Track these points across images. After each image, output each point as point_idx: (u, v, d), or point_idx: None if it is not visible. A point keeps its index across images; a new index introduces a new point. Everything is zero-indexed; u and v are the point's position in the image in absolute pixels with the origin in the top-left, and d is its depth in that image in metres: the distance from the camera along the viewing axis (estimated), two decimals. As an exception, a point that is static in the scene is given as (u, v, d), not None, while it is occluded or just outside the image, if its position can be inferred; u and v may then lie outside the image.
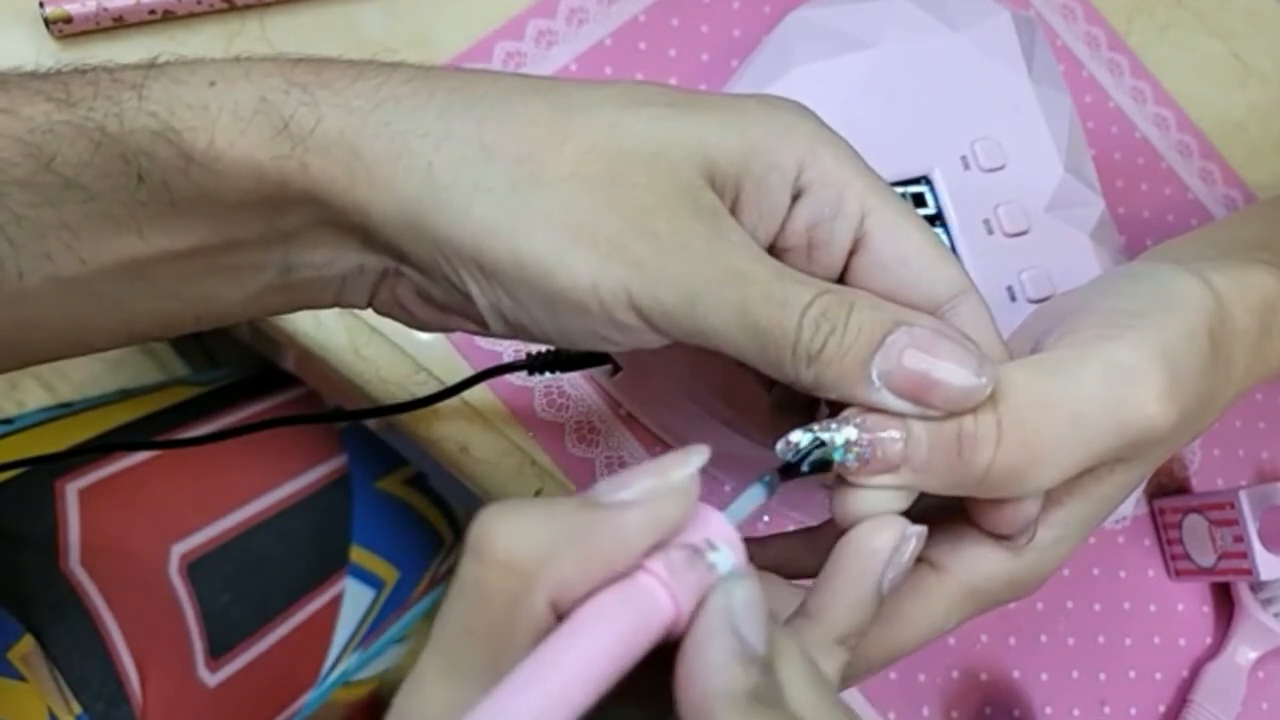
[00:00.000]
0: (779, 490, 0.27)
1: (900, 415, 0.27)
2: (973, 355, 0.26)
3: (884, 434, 0.27)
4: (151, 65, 0.27)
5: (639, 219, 0.26)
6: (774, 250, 0.29)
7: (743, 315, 0.26)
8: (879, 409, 0.27)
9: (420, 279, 0.29)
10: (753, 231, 0.28)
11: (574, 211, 0.26)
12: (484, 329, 0.29)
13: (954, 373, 0.26)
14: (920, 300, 0.29)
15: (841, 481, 0.27)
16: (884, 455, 0.27)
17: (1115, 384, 0.28)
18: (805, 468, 0.27)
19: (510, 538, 0.22)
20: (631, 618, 0.22)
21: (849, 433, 0.27)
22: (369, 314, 0.31)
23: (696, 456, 0.24)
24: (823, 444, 0.27)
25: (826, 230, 0.29)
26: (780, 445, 0.27)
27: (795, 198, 0.29)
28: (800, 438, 0.27)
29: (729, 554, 0.23)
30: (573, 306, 0.27)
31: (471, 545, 0.22)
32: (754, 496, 0.27)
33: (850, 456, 0.27)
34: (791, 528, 0.35)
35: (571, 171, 0.27)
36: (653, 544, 0.23)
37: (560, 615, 0.22)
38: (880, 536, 0.27)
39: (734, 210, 0.28)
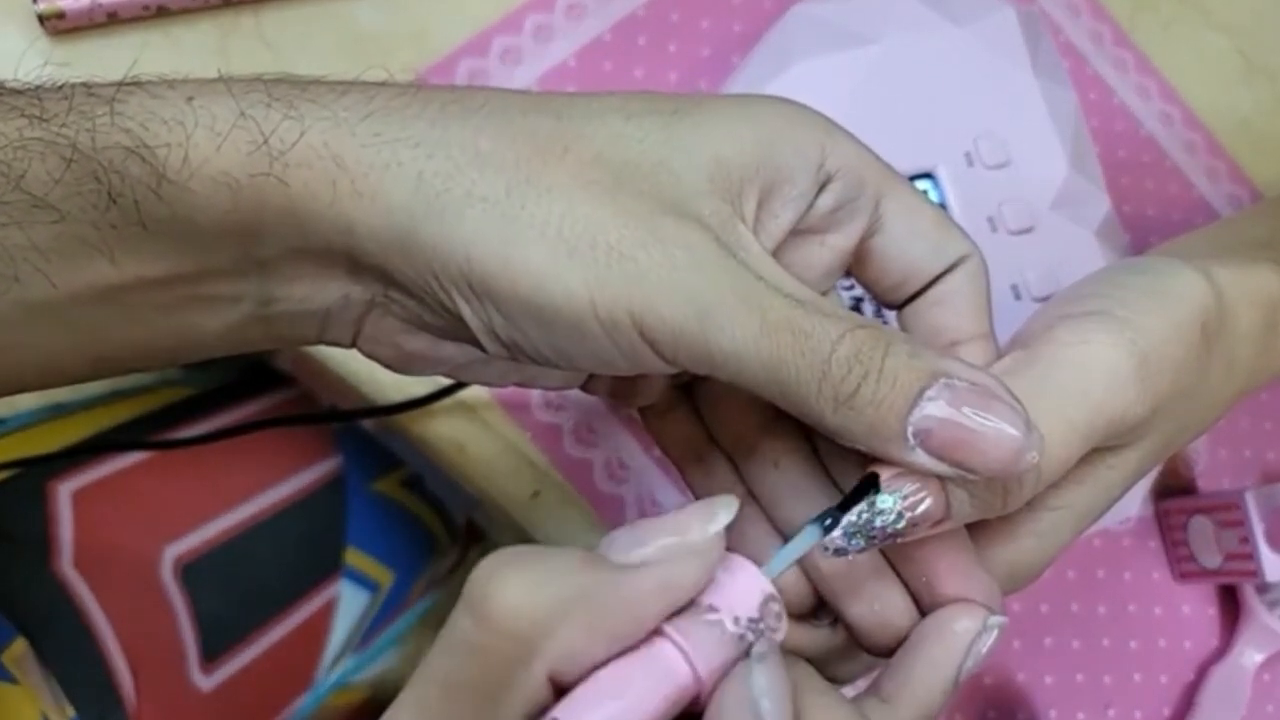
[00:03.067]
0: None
1: (935, 476, 0.25)
2: (1019, 415, 0.24)
3: (925, 502, 0.25)
4: (131, 81, 0.25)
5: (644, 225, 0.25)
6: (791, 233, 0.28)
7: (761, 343, 0.24)
8: (912, 469, 0.25)
9: (409, 303, 0.27)
10: (776, 219, 0.28)
11: (573, 219, 0.25)
12: (480, 349, 0.28)
13: (999, 437, 0.24)
14: (931, 272, 0.29)
15: None
16: (927, 519, 0.25)
17: (1109, 386, 0.28)
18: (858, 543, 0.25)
19: (513, 600, 0.20)
20: (652, 693, 0.21)
21: (897, 523, 0.25)
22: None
23: (723, 512, 0.22)
24: (887, 536, 0.25)
25: (847, 214, 0.28)
26: (824, 548, 0.25)
27: (823, 185, 0.28)
28: (842, 537, 0.25)
29: (752, 623, 0.22)
30: (568, 325, 0.25)
31: (470, 601, 0.21)
32: (804, 542, 0.24)
33: (900, 528, 0.25)
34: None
35: (572, 178, 0.25)
36: (667, 611, 0.21)
37: (558, 685, 0.21)
38: (963, 621, 0.26)
39: (758, 201, 0.27)
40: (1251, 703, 0.53)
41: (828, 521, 0.25)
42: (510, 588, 0.21)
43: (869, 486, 0.25)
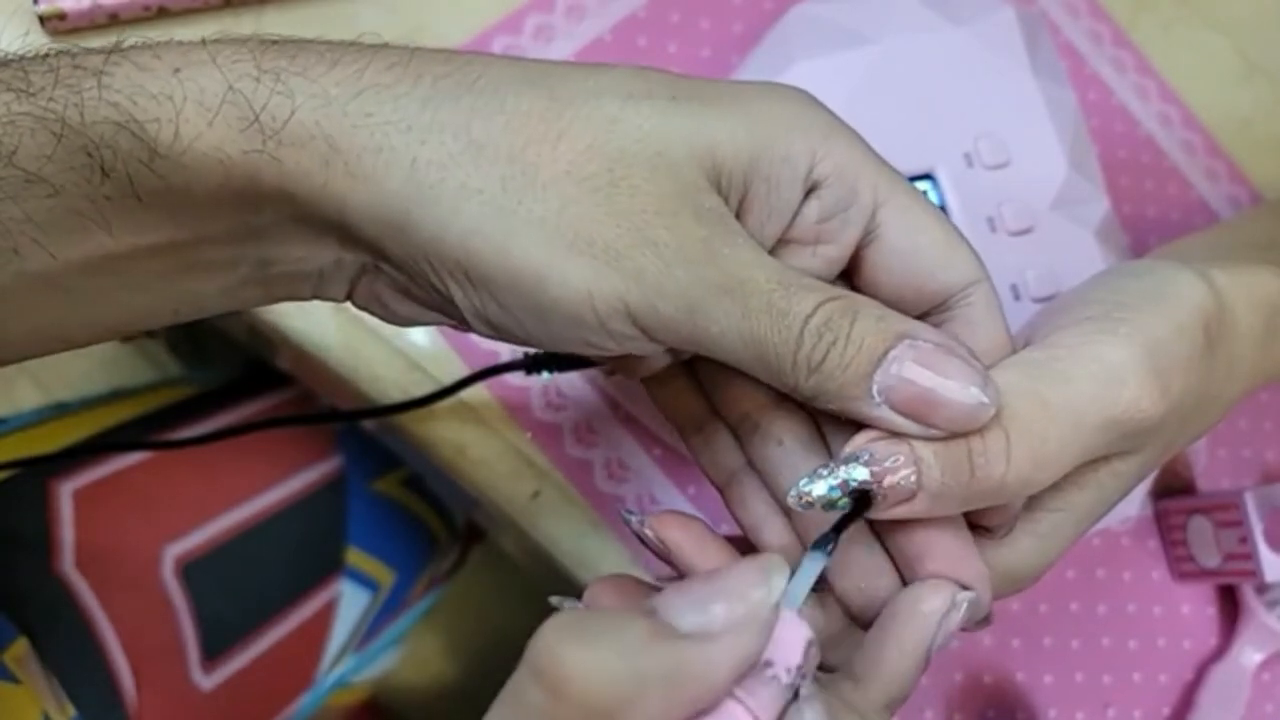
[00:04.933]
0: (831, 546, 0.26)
1: (902, 434, 0.26)
2: (978, 373, 0.26)
3: (894, 465, 0.26)
4: (115, 49, 0.25)
5: (638, 225, 0.25)
6: (780, 242, 0.29)
7: (743, 326, 0.25)
8: (880, 426, 0.26)
9: (399, 275, 0.28)
10: (760, 228, 0.28)
11: (569, 216, 0.25)
12: (465, 327, 0.28)
13: (958, 391, 0.25)
14: (934, 290, 0.29)
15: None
16: (900, 486, 0.26)
17: (1107, 383, 0.28)
18: (837, 518, 0.26)
19: (589, 675, 0.21)
20: None
21: (859, 473, 0.26)
22: (364, 313, 0.31)
23: (779, 578, 0.23)
24: (850, 491, 0.26)
25: (838, 223, 0.28)
26: (792, 497, 0.27)
27: (809, 191, 0.28)
28: (812, 487, 0.26)
29: (799, 669, 0.23)
30: (565, 315, 0.26)
31: (540, 673, 0.21)
32: (813, 567, 0.26)
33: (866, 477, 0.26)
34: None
35: (566, 171, 0.25)
36: (738, 678, 0.23)
37: None
38: (931, 601, 0.27)
39: (741, 208, 0.27)
40: (1251, 702, 0.53)
41: (829, 547, 0.26)
42: (587, 662, 0.21)
43: (864, 506, 0.26)
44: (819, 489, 0.26)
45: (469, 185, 0.25)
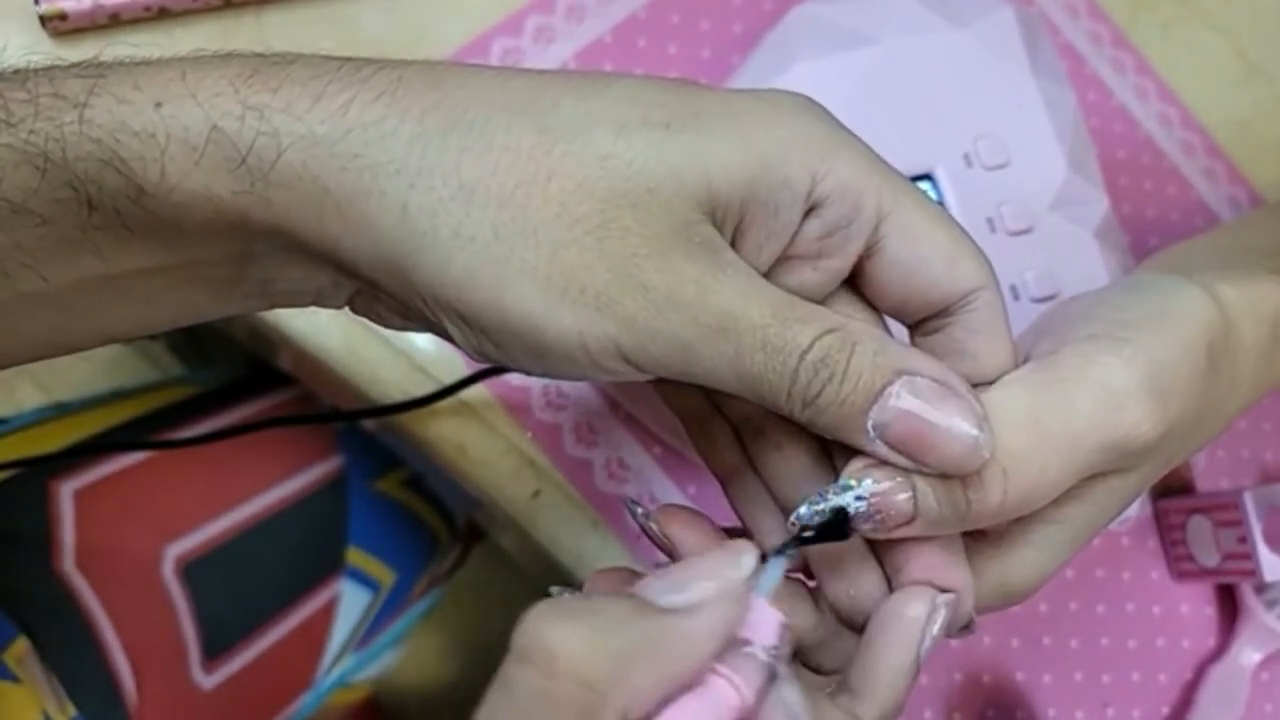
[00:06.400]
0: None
1: (899, 469, 0.26)
2: (973, 413, 0.26)
3: (891, 495, 0.26)
4: (96, 75, 0.25)
5: (628, 270, 0.25)
6: (780, 259, 0.28)
7: (736, 363, 0.26)
8: (877, 457, 0.26)
9: (394, 303, 0.28)
10: (758, 251, 0.27)
11: (560, 263, 0.25)
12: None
13: (954, 432, 0.25)
14: (938, 298, 0.28)
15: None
16: (896, 513, 0.26)
17: (1108, 408, 0.28)
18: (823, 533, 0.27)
19: (577, 650, 0.21)
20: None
21: (856, 505, 0.26)
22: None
23: (748, 558, 0.24)
24: (840, 512, 0.26)
25: (840, 238, 0.28)
26: (791, 523, 0.27)
27: (810, 209, 0.27)
28: (808, 513, 0.27)
29: (775, 649, 0.24)
30: (559, 355, 0.26)
31: (527, 652, 0.21)
32: (777, 568, 0.27)
33: (865, 527, 0.27)
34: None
35: (557, 214, 0.25)
36: (720, 650, 0.23)
37: None
38: (914, 607, 0.27)
39: (738, 232, 0.27)
40: (1250, 702, 0.53)
41: (792, 552, 0.27)
42: (576, 638, 0.21)
43: (843, 526, 0.27)
44: (818, 516, 0.27)
45: (461, 233, 0.25)
